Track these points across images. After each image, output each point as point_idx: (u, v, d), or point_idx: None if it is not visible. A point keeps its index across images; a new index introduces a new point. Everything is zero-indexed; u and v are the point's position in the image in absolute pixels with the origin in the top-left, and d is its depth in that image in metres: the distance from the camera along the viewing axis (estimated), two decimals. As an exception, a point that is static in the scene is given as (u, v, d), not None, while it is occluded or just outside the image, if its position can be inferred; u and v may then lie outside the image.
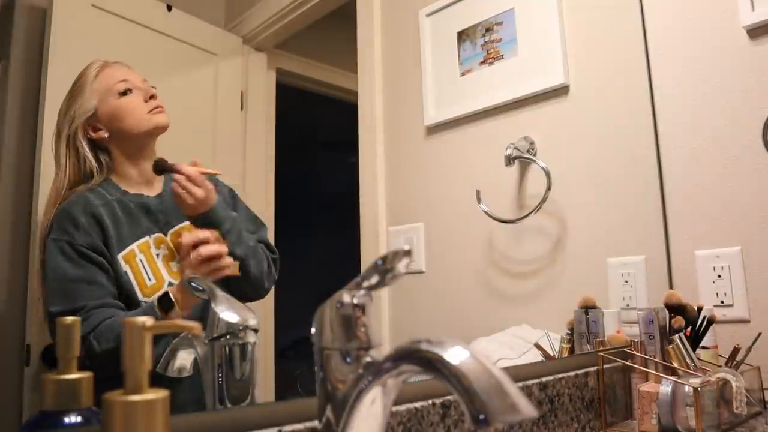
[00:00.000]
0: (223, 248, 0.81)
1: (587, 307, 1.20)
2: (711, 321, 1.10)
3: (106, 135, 0.81)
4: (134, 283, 0.76)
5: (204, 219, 0.84)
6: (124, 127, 0.83)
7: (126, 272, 0.76)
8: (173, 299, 0.75)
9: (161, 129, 0.86)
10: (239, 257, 0.85)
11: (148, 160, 0.85)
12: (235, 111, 0.99)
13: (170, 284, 0.79)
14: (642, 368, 1.06)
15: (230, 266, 0.82)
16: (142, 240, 0.79)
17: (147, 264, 0.78)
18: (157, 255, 0.80)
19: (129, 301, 0.75)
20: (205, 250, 0.79)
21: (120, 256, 0.76)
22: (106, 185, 0.80)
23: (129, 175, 0.83)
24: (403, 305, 1.22)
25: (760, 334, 1.11)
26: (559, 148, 1.32)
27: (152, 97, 0.85)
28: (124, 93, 0.83)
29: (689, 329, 1.10)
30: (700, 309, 1.11)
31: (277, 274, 0.93)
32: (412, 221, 1.30)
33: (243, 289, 0.85)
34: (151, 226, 0.81)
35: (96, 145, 0.80)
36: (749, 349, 1.08)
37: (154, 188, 0.85)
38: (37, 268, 0.71)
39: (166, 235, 0.82)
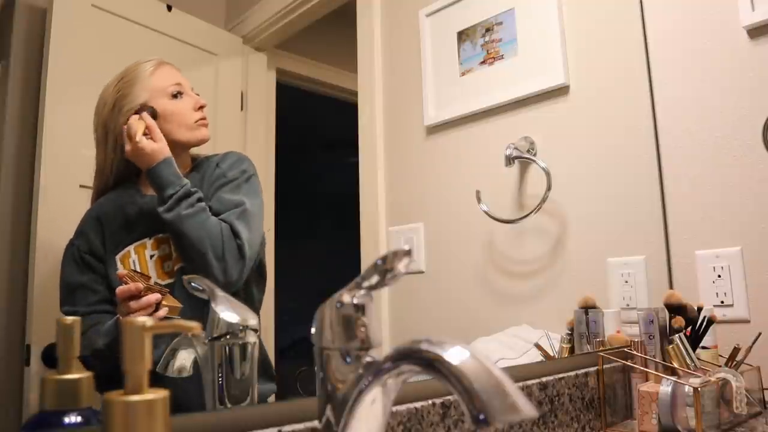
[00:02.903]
0: (151, 299, 0.77)
1: (587, 307, 1.20)
2: (711, 321, 1.10)
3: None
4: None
5: (148, 177, 0.83)
6: (169, 129, 0.84)
7: None
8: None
9: (202, 142, 0.89)
10: (168, 220, 0.81)
11: (182, 161, 0.86)
12: (235, 111, 0.99)
13: (156, 284, 0.80)
14: (642, 368, 1.06)
15: (168, 310, 0.79)
16: (140, 242, 0.81)
17: (138, 265, 0.80)
18: (151, 256, 0.81)
19: None
20: (134, 305, 0.76)
21: (117, 257, 0.79)
22: (128, 186, 0.83)
23: None
24: (403, 305, 1.22)
25: (760, 334, 1.11)
26: (559, 148, 1.32)
27: (201, 107, 0.88)
28: (175, 96, 0.85)
29: (689, 329, 1.10)
30: (700, 309, 1.11)
31: (245, 265, 0.87)
32: (412, 221, 1.30)
33: (186, 259, 0.82)
34: (157, 227, 0.82)
35: None
36: (749, 349, 1.08)
37: None
38: None
39: None
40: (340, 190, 1.23)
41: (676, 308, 1.09)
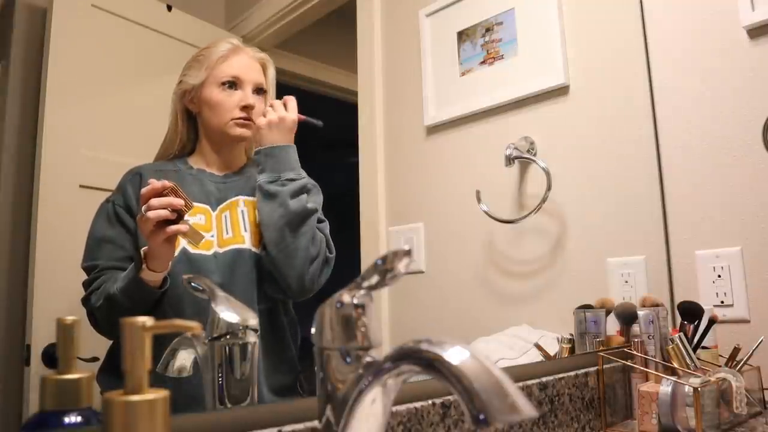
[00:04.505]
0: (174, 201, 0.72)
1: (602, 308, 1.21)
2: (713, 321, 1.10)
3: (196, 111, 0.87)
4: None
5: (267, 151, 0.86)
6: (209, 117, 0.87)
7: None
8: (141, 257, 0.74)
9: (237, 140, 0.90)
10: (268, 224, 0.83)
11: (231, 150, 0.90)
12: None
13: (183, 249, 0.79)
14: (642, 368, 1.06)
15: (184, 230, 0.73)
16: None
17: None
18: (186, 220, 0.78)
19: None
20: (155, 201, 0.71)
21: None
22: (178, 162, 0.85)
23: (205, 155, 0.88)
24: (403, 305, 1.22)
25: (762, 339, 1.09)
26: (559, 148, 1.32)
27: (246, 107, 0.88)
28: (225, 85, 0.87)
29: (690, 328, 1.10)
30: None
31: (328, 275, 0.89)
32: (412, 221, 1.30)
33: (276, 262, 0.84)
34: (197, 195, 0.82)
35: (191, 117, 0.87)
36: (751, 354, 1.07)
37: (222, 171, 0.89)
38: None
39: (213, 208, 0.84)
40: (340, 190, 1.23)
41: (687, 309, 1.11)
